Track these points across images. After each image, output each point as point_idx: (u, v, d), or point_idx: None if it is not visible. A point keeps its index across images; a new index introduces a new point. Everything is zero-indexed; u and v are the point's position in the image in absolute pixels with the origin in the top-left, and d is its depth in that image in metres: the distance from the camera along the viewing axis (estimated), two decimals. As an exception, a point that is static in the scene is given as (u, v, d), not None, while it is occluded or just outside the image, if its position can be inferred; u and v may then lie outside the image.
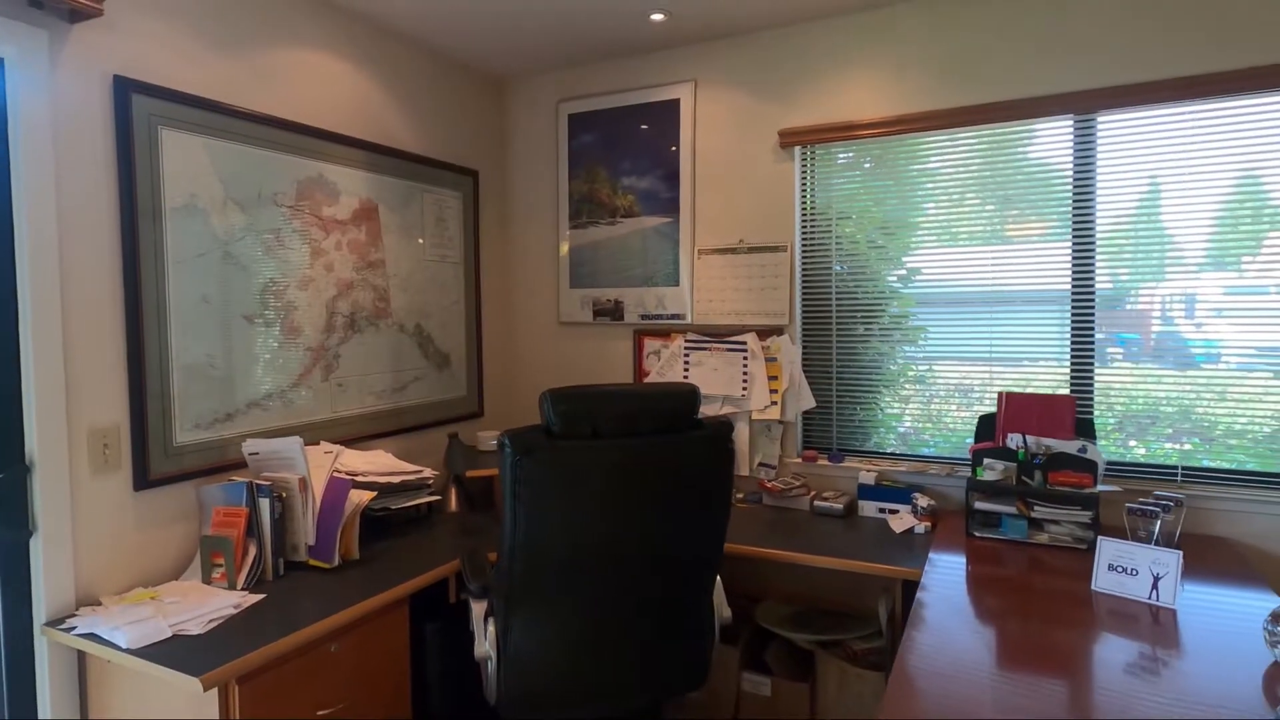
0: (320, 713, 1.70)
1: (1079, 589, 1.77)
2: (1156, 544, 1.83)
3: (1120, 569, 1.75)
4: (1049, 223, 2.40)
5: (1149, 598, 1.69)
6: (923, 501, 2.37)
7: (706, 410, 2.83)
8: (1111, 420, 2.36)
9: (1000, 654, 1.46)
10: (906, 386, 2.65)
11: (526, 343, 3.35)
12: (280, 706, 1.62)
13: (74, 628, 1.67)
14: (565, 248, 3.20)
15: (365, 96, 2.61)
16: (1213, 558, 2.01)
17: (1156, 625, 1.57)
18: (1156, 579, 1.69)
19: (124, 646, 1.57)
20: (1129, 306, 2.32)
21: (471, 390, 3.14)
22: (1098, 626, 1.57)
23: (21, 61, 1.67)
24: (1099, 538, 1.81)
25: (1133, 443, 2.34)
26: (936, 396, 2.61)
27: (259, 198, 2.22)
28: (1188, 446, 2.27)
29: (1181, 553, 1.70)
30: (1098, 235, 2.33)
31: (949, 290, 2.55)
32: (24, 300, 1.70)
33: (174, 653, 1.55)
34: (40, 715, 1.72)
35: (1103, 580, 1.76)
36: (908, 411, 2.66)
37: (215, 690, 1.49)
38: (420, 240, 2.85)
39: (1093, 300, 2.35)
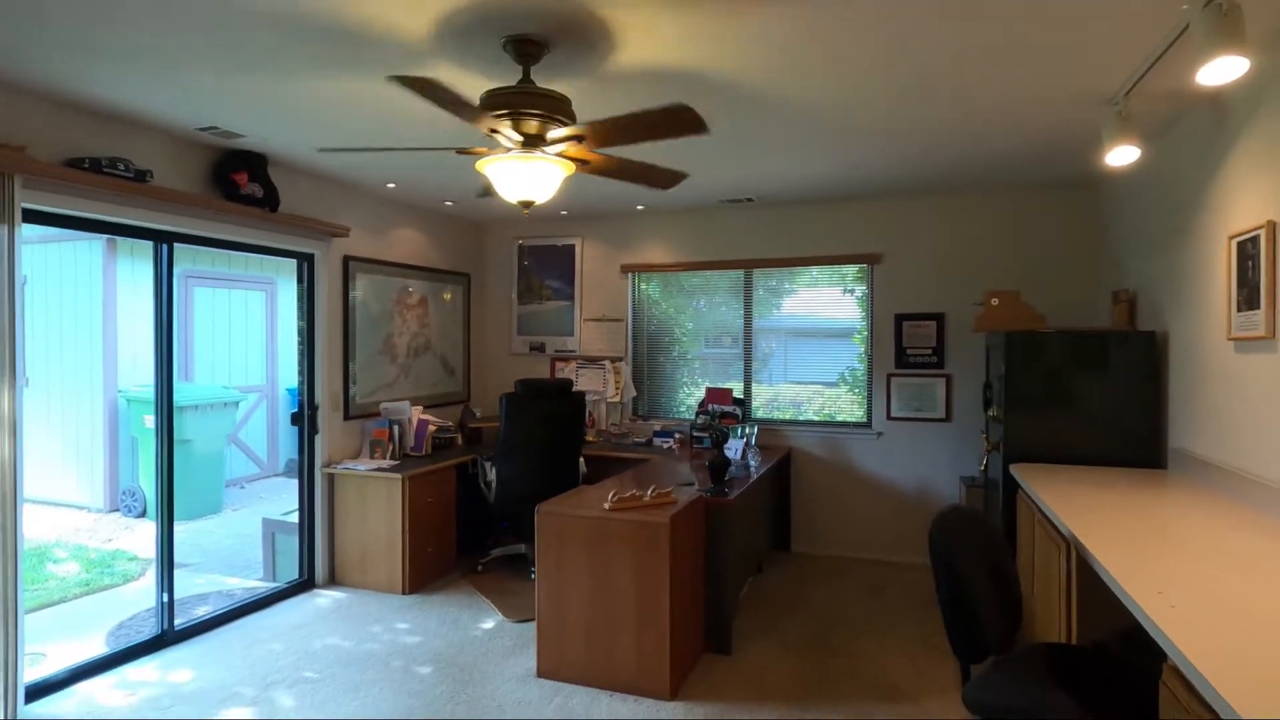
0: (427, 500, 4.54)
1: (715, 457, 4.79)
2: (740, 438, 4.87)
3: (729, 450, 4.77)
4: (734, 311, 5.48)
5: (735, 458, 4.72)
6: (677, 436, 5.39)
7: (594, 395, 5.77)
8: (757, 401, 5.46)
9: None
10: (684, 386, 5.68)
11: (493, 363, 6.23)
12: (419, 493, 4.45)
13: (334, 468, 4.47)
14: (515, 314, 6.11)
15: (421, 243, 5.47)
16: (772, 452, 5.10)
17: (745, 470, 4.60)
18: (737, 451, 4.72)
19: (363, 470, 4.38)
20: (766, 351, 5.42)
21: (464, 387, 5.99)
22: (709, 463, 4.59)
23: (321, 254, 4.48)
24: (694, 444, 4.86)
25: (766, 411, 5.44)
26: (692, 392, 5.65)
27: (384, 298, 5.05)
28: (789, 411, 5.38)
29: (746, 442, 4.77)
30: (754, 319, 5.43)
31: (700, 335, 5.61)
32: (318, 345, 4.49)
33: (381, 473, 4.36)
34: (315, 501, 4.48)
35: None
36: (681, 399, 5.69)
37: (402, 481, 4.32)
38: (443, 311, 5.71)
39: (752, 348, 5.45)
